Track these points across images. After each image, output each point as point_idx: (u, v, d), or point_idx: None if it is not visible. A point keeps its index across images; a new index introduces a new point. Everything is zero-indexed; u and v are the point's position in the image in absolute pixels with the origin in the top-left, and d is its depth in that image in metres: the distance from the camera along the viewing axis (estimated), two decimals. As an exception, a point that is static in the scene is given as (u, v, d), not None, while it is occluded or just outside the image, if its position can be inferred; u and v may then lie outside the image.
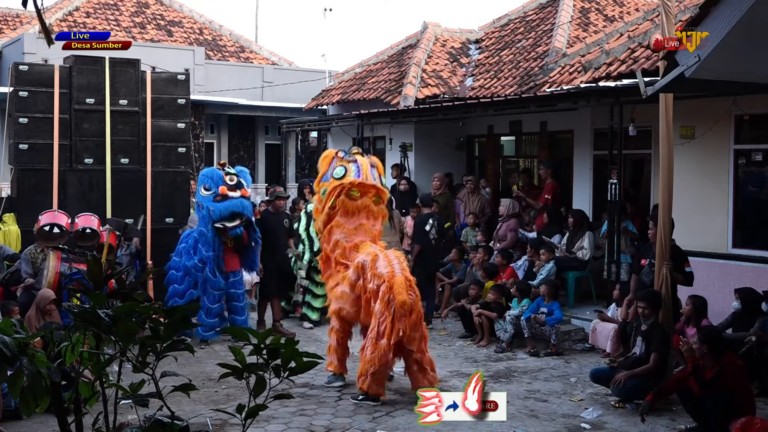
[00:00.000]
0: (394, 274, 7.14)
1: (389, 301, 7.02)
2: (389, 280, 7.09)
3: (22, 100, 10.30)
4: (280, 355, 2.68)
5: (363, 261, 7.44)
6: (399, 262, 7.39)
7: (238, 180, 9.48)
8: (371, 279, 7.28)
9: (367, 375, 7.09)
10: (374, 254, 7.41)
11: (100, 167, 10.46)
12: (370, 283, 7.27)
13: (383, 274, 7.17)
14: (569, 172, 12.55)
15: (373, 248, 7.56)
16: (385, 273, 7.18)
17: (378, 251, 7.48)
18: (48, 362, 2.57)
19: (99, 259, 4.92)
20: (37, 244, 8.71)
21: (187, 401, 6.40)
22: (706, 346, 6.35)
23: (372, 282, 7.26)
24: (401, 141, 15.01)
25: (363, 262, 7.43)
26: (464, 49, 16.68)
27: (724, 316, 8.23)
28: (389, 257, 7.38)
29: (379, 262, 7.31)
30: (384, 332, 7.02)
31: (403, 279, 7.17)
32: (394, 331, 7.00)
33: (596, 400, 7.43)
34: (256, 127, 21.58)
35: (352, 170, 7.77)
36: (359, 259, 7.50)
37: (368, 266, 7.35)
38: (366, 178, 7.79)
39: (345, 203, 7.74)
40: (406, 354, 7.32)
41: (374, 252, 7.46)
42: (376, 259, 7.34)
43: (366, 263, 7.39)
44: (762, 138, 9.48)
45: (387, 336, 7.00)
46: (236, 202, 9.28)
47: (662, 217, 7.28)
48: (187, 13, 24.89)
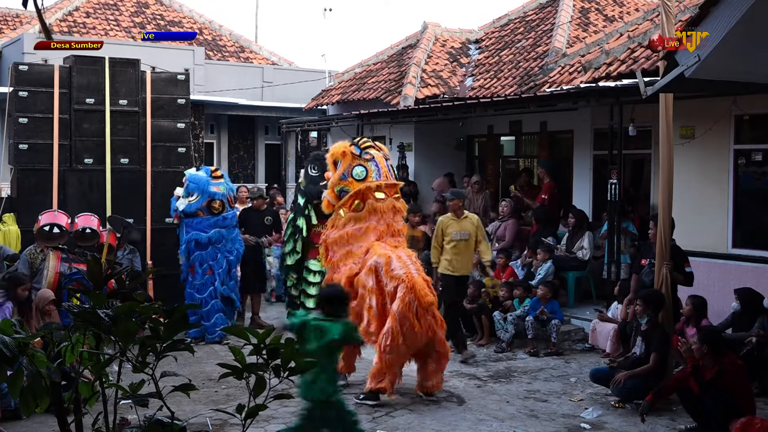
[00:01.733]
0: (412, 276, 7.06)
1: (410, 302, 6.95)
2: (408, 281, 7.02)
3: (22, 100, 10.30)
4: (279, 355, 2.68)
5: (376, 263, 7.31)
6: (413, 262, 7.34)
7: None
8: (387, 281, 7.19)
9: (384, 375, 7.08)
10: (387, 255, 7.29)
11: (100, 167, 10.46)
12: (387, 285, 7.20)
13: (400, 275, 7.08)
14: (569, 172, 12.55)
15: (383, 249, 7.40)
16: (402, 274, 7.08)
17: (390, 252, 7.34)
18: (48, 362, 2.57)
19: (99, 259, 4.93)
20: (36, 244, 8.70)
21: (187, 401, 6.39)
22: (706, 346, 6.35)
23: (389, 284, 7.18)
24: (401, 141, 15.02)
25: (376, 265, 7.31)
26: (464, 49, 16.68)
27: (724, 316, 8.23)
28: (402, 258, 7.29)
29: (393, 263, 7.20)
30: (409, 333, 6.97)
31: (422, 279, 7.12)
32: (424, 332, 7.01)
33: (596, 400, 7.43)
34: (256, 127, 21.57)
35: (372, 170, 7.68)
36: (372, 261, 7.35)
37: (382, 268, 7.25)
38: (386, 177, 7.75)
39: (373, 206, 7.63)
40: (429, 354, 7.30)
41: (386, 253, 7.32)
42: (389, 261, 7.23)
43: (380, 265, 7.28)
44: (762, 138, 9.49)
45: (415, 337, 6.99)
46: None
47: (662, 217, 7.28)
48: (187, 13, 24.88)
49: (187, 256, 9.74)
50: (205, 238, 9.61)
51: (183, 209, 9.64)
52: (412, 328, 6.96)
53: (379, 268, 7.28)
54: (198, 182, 9.72)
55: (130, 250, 9.57)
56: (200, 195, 9.66)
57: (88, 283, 2.75)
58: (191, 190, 9.67)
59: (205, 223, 9.66)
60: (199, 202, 9.64)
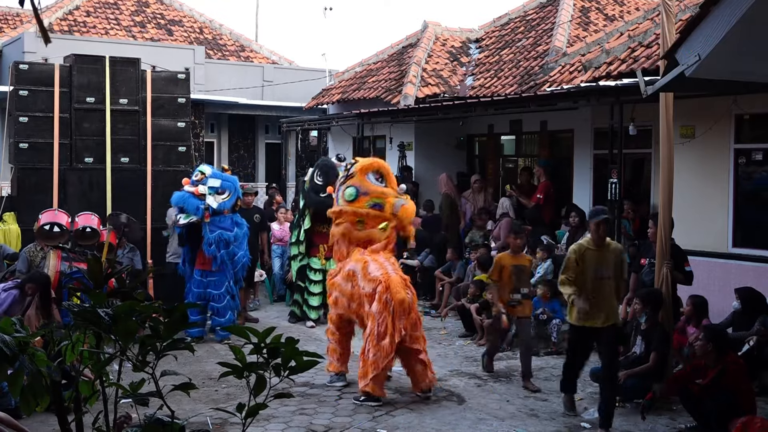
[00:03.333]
0: (389, 275, 7.17)
1: (387, 301, 7.03)
2: (385, 280, 7.11)
3: (22, 99, 10.30)
4: (280, 354, 2.68)
5: (353, 268, 7.48)
6: (390, 264, 7.41)
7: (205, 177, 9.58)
8: (364, 284, 7.29)
9: (368, 377, 7.07)
10: (363, 260, 7.45)
11: (100, 166, 10.47)
12: (363, 288, 7.29)
13: (377, 277, 7.20)
14: (569, 172, 12.55)
15: (361, 255, 7.56)
16: (378, 275, 7.20)
17: (367, 257, 7.48)
18: (48, 361, 2.56)
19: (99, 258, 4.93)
20: (37, 243, 8.71)
21: (187, 400, 6.40)
22: (711, 345, 6.35)
23: (366, 286, 7.27)
24: (401, 140, 15.01)
25: (353, 270, 7.47)
26: (464, 49, 16.68)
27: (724, 316, 8.23)
28: (379, 261, 7.40)
29: (370, 266, 7.34)
30: (385, 333, 7.02)
31: (399, 278, 7.21)
32: (396, 331, 7.01)
33: (596, 399, 7.41)
34: (256, 126, 21.57)
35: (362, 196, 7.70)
36: (348, 267, 7.54)
37: (359, 272, 7.39)
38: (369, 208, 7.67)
39: (350, 231, 7.72)
40: (408, 354, 7.32)
41: (363, 258, 7.48)
42: (366, 265, 7.37)
43: (356, 269, 7.44)
44: (762, 137, 9.48)
45: (390, 336, 7.01)
46: (177, 196, 9.48)
47: (662, 216, 7.28)
48: (188, 12, 24.87)
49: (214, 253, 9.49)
50: (231, 236, 9.54)
51: (216, 207, 9.42)
52: (387, 327, 7.01)
53: (356, 273, 7.41)
54: (233, 181, 9.73)
55: (130, 248, 9.57)
56: (232, 194, 9.61)
57: (88, 282, 2.75)
58: (225, 188, 9.56)
59: (228, 221, 9.58)
60: (230, 201, 9.58)
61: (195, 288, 9.55)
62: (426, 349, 7.50)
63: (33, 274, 7.88)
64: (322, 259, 10.56)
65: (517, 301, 7.91)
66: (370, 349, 7.09)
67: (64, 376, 3.07)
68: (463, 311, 10.25)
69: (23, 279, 7.76)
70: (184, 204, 9.38)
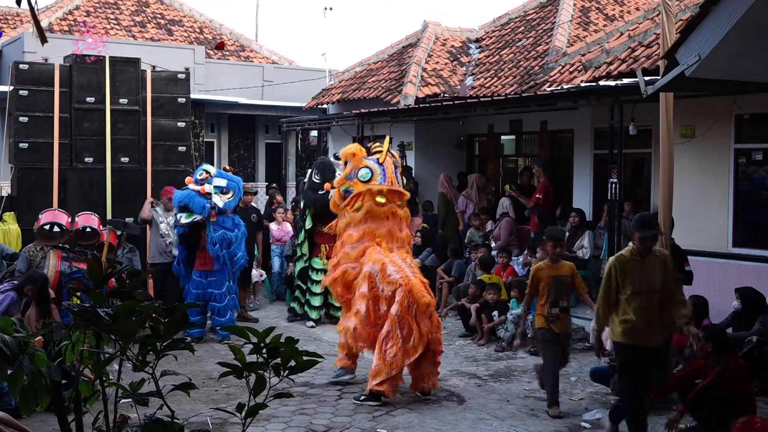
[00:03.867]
0: (409, 279, 7.16)
1: (409, 305, 7.03)
2: (405, 284, 7.10)
3: (22, 98, 10.31)
4: (280, 354, 2.68)
5: (371, 270, 7.35)
6: (408, 265, 7.39)
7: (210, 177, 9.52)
8: (384, 287, 7.24)
9: (382, 376, 7.06)
10: (381, 261, 7.34)
11: (100, 166, 10.48)
12: (384, 291, 7.24)
13: (397, 280, 7.17)
14: (569, 172, 12.55)
15: (377, 254, 7.43)
16: (398, 278, 7.17)
17: (384, 258, 7.38)
18: (48, 361, 2.57)
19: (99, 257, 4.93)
20: (37, 243, 8.71)
21: (187, 400, 6.40)
22: (711, 345, 6.34)
23: (385, 289, 7.23)
24: (401, 140, 15.01)
25: (371, 272, 7.35)
26: (464, 48, 16.68)
27: (724, 316, 8.23)
28: (397, 262, 7.35)
29: (388, 268, 7.27)
30: (409, 336, 7.02)
31: (419, 282, 7.22)
32: (422, 334, 7.04)
33: (596, 399, 7.43)
34: (256, 126, 21.56)
35: (378, 174, 7.66)
36: (366, 269, 7.39)
37: (378, 275, 7.30)
38: (392, 183, 7.71)
39: (372, 209, 7.59)
40: (424, 354, 7.27)
41: (380, 259, 7.37)
42: (384, 267, 7.29)
43: (375, 272, 7.32)
44: (762, 137, 9.48)
45: (415, 339, 7.01)
46: (182, 194, 9.37)
47: (662, 216, 7.27)
48: (188, 12, 24.86)
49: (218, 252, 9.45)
50: (233, 236, 9.52)
51: (222, 206, 9.39)
52: (411, 330, 7.01)
53: (374, 275, 7.33)
54: (237, 182, 9.72)
55: (129, 248, 9.57)
56: (236, 194, 9.61)
57: (88, 282, 2.75)
58: (230, 188, 9.55)
59: (230, 222, 9.56)
60: (234, 201, 9.57)
61: (193, 289, 9.52)
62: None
63: (30, 275, 7.88)
64: (324, 259, 10.56)
65: (556, 315, 6.96)
66: (389, 350, 7.05)
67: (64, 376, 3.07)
68: (463, 311, 10.25)
69: (21, 281, 7.76)
70: (189, 202, 9.28)
